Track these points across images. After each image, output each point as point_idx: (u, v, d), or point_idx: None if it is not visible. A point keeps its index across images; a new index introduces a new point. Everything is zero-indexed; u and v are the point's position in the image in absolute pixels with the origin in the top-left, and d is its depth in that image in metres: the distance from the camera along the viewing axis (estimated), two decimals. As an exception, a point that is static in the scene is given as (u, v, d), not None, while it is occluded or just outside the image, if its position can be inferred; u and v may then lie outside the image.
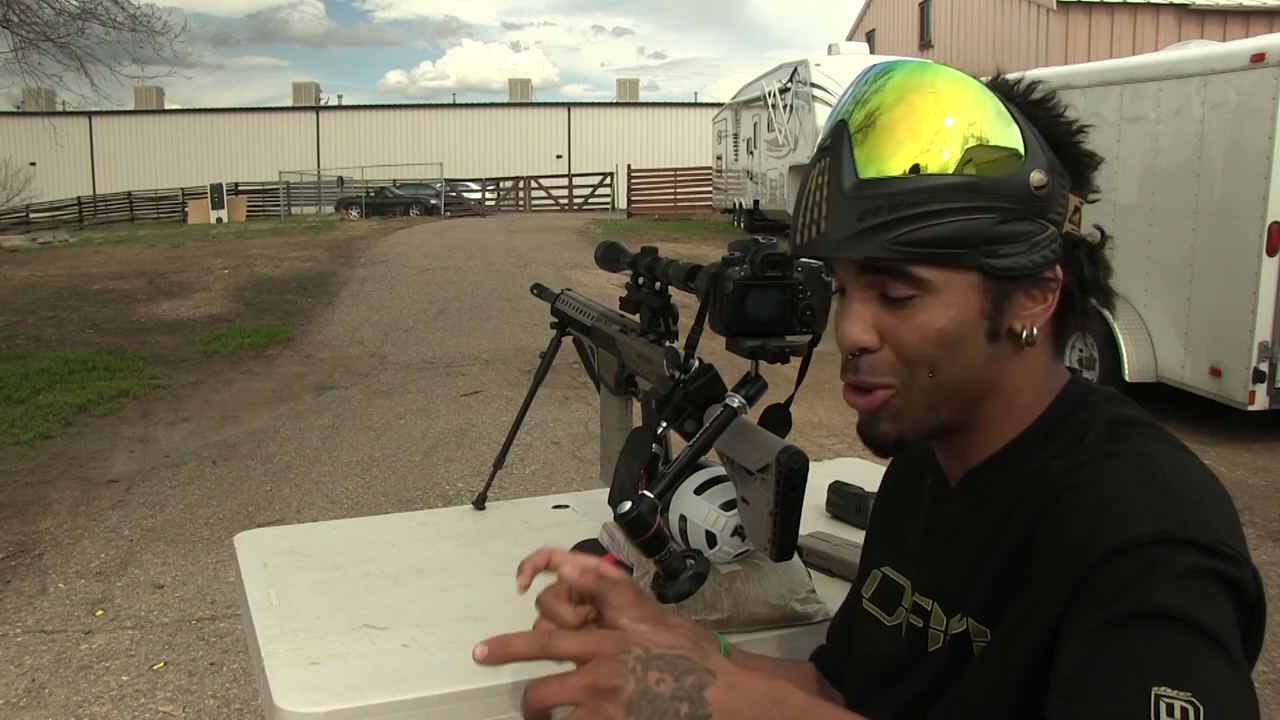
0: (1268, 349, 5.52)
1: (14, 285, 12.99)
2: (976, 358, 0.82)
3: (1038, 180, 0.79)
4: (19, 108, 34.36)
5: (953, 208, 0.78)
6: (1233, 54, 5.75)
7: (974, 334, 0.82)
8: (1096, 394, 0.86)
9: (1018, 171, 0.79)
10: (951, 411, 0.85)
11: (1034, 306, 0.82)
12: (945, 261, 0.79)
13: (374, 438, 6.10)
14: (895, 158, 0.79)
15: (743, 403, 1.06)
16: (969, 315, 0.81)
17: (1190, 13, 16.25)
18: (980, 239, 0.79)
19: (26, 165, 31.21)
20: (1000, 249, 0.79)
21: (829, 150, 0.82)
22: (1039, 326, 0.83)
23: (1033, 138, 0.80)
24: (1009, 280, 0.81)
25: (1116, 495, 0.74)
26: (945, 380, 0.83)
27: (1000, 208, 0.79)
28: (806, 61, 15.69)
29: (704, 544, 1.19)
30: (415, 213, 28.60)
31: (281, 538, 1.62)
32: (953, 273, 0.80)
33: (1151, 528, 0.71)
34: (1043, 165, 0.80)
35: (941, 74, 0.81)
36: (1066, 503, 0.76)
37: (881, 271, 0.81)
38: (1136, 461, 0.76)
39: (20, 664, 3.34)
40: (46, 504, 4.97)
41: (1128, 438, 0.79)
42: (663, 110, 40.84)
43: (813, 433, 6.03)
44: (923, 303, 0.81)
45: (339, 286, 12.69)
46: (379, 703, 1.10)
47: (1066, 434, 0.82)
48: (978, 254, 0.79)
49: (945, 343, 0.81)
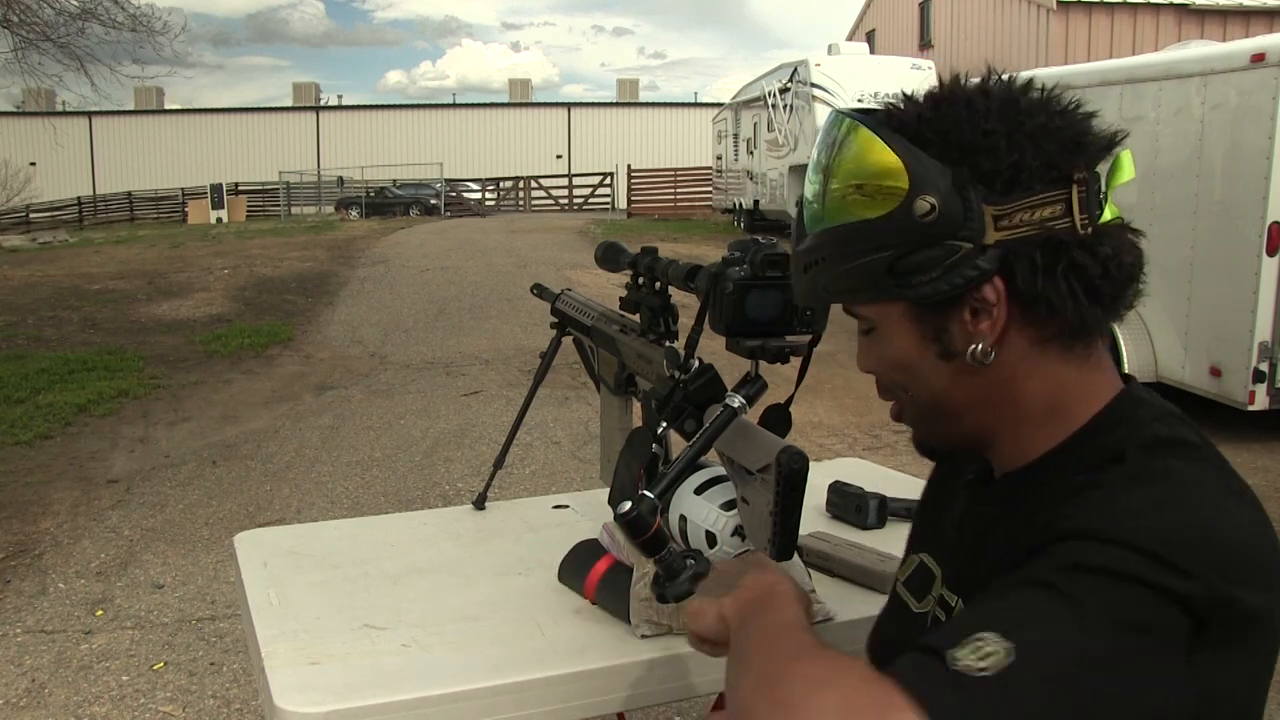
0: (1268, 349, 5.52)
1: (14, 285, 12.98)
2: (940, 377, 0.86)
3: (922, 208, 0.79)
4: (19, 108, 34.34)
5: (850, 251, 0.83)
6: (1233, 54, 5.75)
7: (924, 357, 0.85)
8: (1146, 409, 0.84)
9: (900, 206, 0.80)
10: (952, 424, 0.88)
11: (979, 323, 0.82)
12: (866, 299, 0.86)
13: (374, 438, 6.10)
14: (812, 214, 0.87)
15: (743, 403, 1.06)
16: (911, 342, 0.85)
17: (1190, 13, 16.25)
18: (884, 276, 0.82)
19: (26, 165, 31.19)
20: (910, 279, 0.81)
21: (797, 215, 0.92)
22: (989, 341, 0.82)
23: (917, 164, 0.79)
24: (938, 304, 0.82)
25: (1112, 498, 0.74)
26: (920, 399, 0.89)
27: (890, 244, 0.81)
28: (806, 61, 15.69)
29: (704, 544, 1.19)
30: (415, 213, 28.59)
31: (281, 538, 1.62)
32: (881, 306, 0.86)
33: (1118, 527, 0.71)
34: (930, 189, 0.79)
35: (841, 125, 0.86)
36: (1072, 505, 0.76)
37: (849, 312, 0.91)
38: (1157, 477, 0.76)
39: (20, 664, 3.34)
40: (46, 504, 4.97)
41: (1164, 459, 0.77)
42: (663, 110, 40.82)
43: (813, 433, 6.03)
44: (875, 335, 0.88)
45: (339, 286, 12.69)
46: (379, 703, 1.10)
47: (1102, 452, 0.80)
48: (891, 288, 0.82)
49: (899, 367, 0.88)
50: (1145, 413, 0.83)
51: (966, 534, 0.94)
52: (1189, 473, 0.77)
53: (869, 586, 1.41)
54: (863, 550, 1.48)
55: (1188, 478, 0.76)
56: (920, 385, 0.87)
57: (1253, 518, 0.76)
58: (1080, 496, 0.76)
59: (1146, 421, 0.82)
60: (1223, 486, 0.77)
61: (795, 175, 15.97)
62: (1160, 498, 0.74)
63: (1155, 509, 0.73)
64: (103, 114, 35.40)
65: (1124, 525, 0.71)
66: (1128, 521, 0.72)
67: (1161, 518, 0.72)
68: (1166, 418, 0.83)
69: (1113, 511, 0.73)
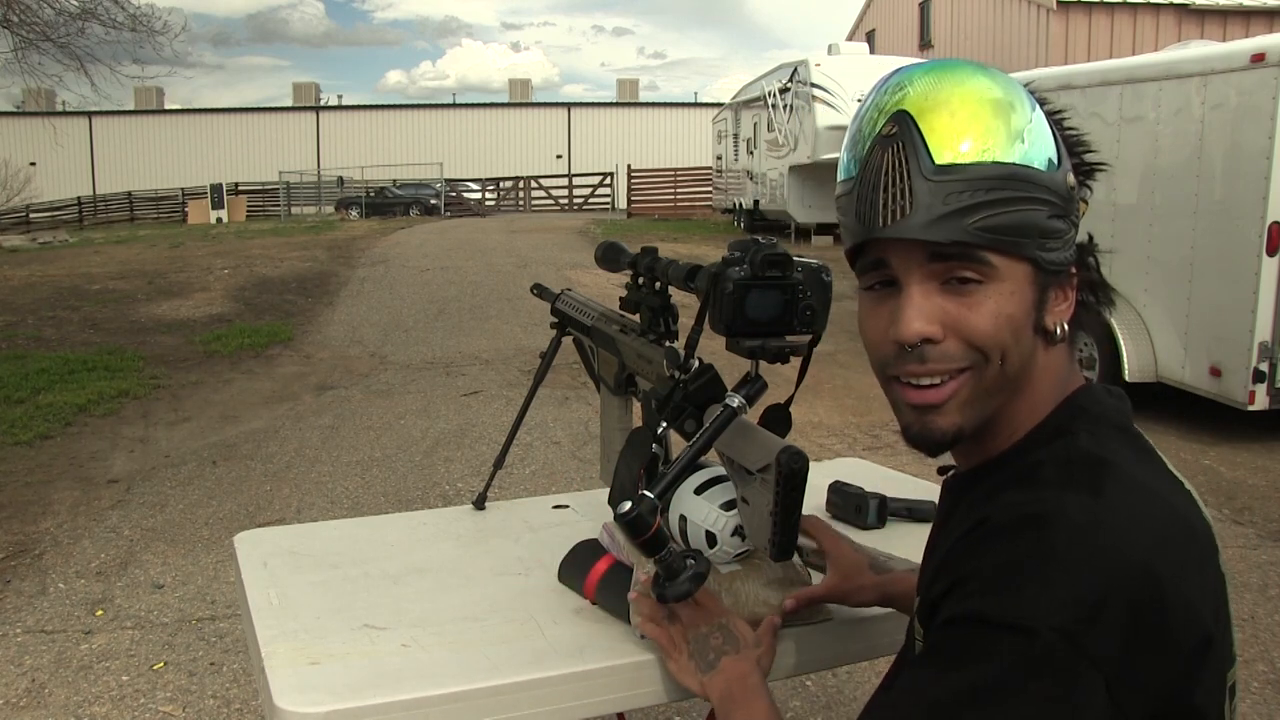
0: (1268, 349, 5.52)
1: (14, 285, 12.98)
2: (1030, 348, 0.84)
3: (1072, 181, 0.83)
4: (19, 108, 34.35)
5: (1019, 196, 0.80)
6: (1233, 54, 5.75)
7: (1028, 324, 0.83)
8: (1088, 418, 0.86)
9: (1059, 170, 0.82)
10: (1003, 401, 0.86)
11: (1061, 303, 0.85)
12: (1011, 250, 0.81)
13: (374, 438, 6.10)
14: (966, 144, 0.79)
15: (743, 403, 1.06)
16: (1027, 305, 0.83)
17: (1190, 13, 16.25)
18: (1037, 230, 0.81)
19: (26, 165, 31.19)
20: (1048, 242, 0.82)
21: (897, 136, 0.81)
22: (1066, 323, 0.86)
23: (1061, 142, 0.85)
24: (1051, 274, 0.83)
25: (985, 564, 0.76)
26: (1010, 368, 0.83)
27: (1050, 201, 0.81)
28: (806, 61, 15.70)
29: (704, 544, 1.19)
30: (415, 213, 28.60)
31: (281, 538, 1.62)
32: (1015, 261, 0.81)
33: (976, 606, 0.75)
34: (1069, 167, 0.84)
35: (992, 71, 0.84)
36: (968, 542, 0.80)
37: (951, 258, 0.81)
38: (1037, 525, 0.76)
39: (20, 664, 3.33)
40: (46, 504, 4.97)
41: (1066, 489, 0.78)
42: (663, 110, 40.82)
43: (813, 433, 6.02)
44: (989, 290, 0.81)
45: (339, 286, 12.69)
46: (379, 703, 1.10)
47: (1034, 464, 0.83)
48: (1034, 245, 0.81)
49: (1014, 329, 0.82)
50: (1082, 423, 0.85)
51: (935, 531, 0.98)
52: (1091, 516, 0.76)
53: (869, 586, 1.41)
54: (863, 550, 1.48)
55: (1082, 525, 0.75)
56: (1019, 351, 0.83)
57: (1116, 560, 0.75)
58: (980, 531, 0.80)
59: (1080, 433, 0.84)
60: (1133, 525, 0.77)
61: (795, 175, 15.96)
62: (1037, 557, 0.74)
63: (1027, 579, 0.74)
64: (103, 114, 35.41)
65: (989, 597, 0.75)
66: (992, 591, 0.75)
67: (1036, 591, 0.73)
68: (1099, 431, 0.84)
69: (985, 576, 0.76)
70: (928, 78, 0.82)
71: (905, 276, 0.83)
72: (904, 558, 1.43)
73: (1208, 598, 0.79)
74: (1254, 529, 4.54)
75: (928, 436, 0.86)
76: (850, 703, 2.97)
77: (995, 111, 0.80)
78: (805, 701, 3.02)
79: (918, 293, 0.82)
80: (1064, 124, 0.87)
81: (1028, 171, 0.80)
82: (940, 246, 0.80)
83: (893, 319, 0.83)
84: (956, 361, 0.82)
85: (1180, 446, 5.73)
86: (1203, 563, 0.80)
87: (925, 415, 0.85)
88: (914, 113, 0.81)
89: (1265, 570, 4.06)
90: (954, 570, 0.79)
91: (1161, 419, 6.09)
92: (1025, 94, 0.84)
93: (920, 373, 0.84)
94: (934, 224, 0.79)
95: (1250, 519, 4.65)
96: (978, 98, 0.80)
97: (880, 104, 0.83)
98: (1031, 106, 0.83)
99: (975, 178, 0.79)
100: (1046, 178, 0.81)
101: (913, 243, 0.81)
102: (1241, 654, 3.39)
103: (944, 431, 0.85)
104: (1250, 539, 4.41)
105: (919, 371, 0.84)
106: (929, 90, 0.81)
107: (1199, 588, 0.78)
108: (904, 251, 0.82)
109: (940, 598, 0.79)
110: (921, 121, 0.80)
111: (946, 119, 0.80)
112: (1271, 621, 3.61)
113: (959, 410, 0.84)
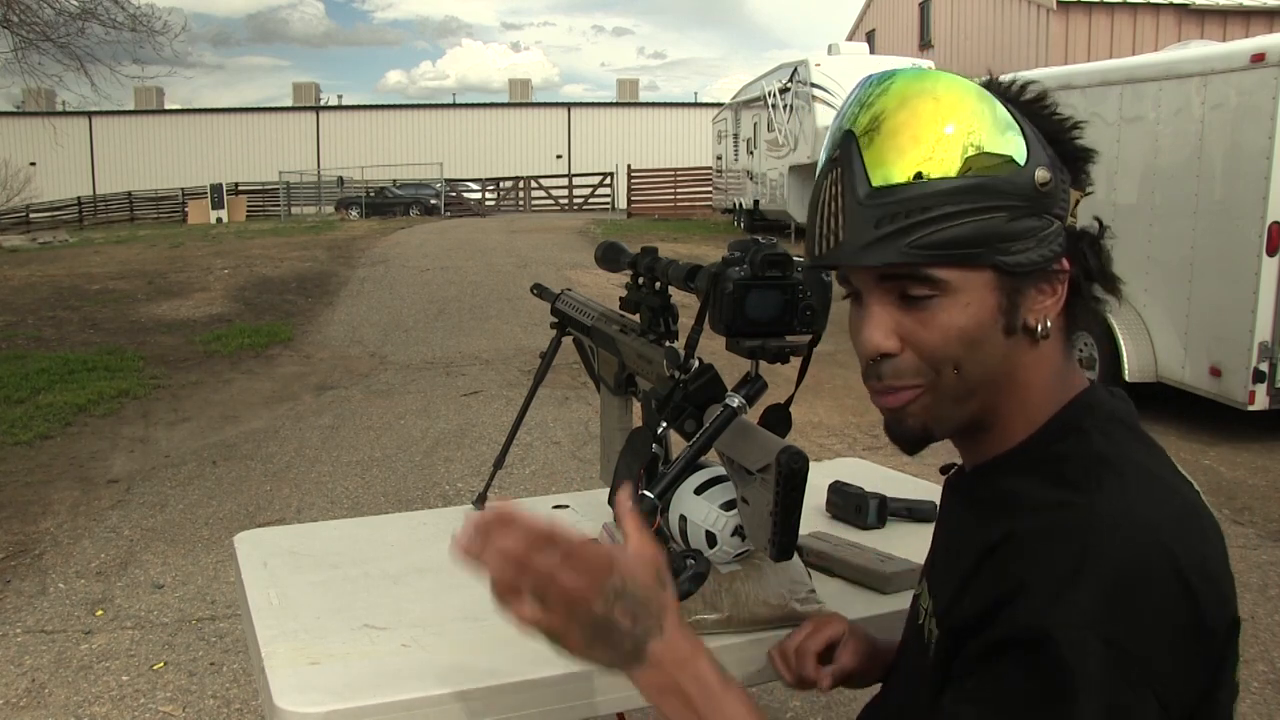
0: (1268, 349, 5.52)
1: (14, 285, 12.98)
2: (996, 352, 0.84)
3: (1041, 177, 0.82)
4: (19, 108, 34.35)
5: (964, 209, 0.80)
6: (1233, 54, 5.75)
7: (992, 330, 0.83)
8: (1097, 415, 0.87)
9: (1021, 170, 0.81)
10: (977, 405, 0.87)
11: (1045, 299, 0.85)
12: (961, 262, 0.81)
13: (374, 438, 6.10)
14: (901, 164, 0.80)
15: (743, 403, 1.06)
16: (987, 313, 0.83)
17: (1190, 13, 16.24)
18: (993, 237, 0.81)
19: (26, 165, 31.19)
20: (1012, 246, 0.81)
21: (839, 161, 0.84)
22: (1052, 318, 0.85)
23: (1033, 136, 0.83)
24: (1022, 275, 0.83)
25: (1033, 576, 0.76)
26: (970, 376, 0.85)
27: (1008, 206, 0.81)
28: (806, 61, 15.70)
29: (704, 544, 1.19)
30: (415, 213, 28.59)
31: (281, 538, 1.62)
32: (969, 272, 0.82)
33: (1029, 623, 0.74)
34: (1044, 162, 0.82)
35: (941, 80, 0.83)
36: (1005, 553, 0.79)
37: (900, 276, 0.83)
38: (1075, 533, 0.76)
39: (20, 664, 3.33)
40: (46, 504, 4.97)
41: (1093, 489, 0.79)
42: (663, 110, 40.81)
43: (813, 433, 6.02)
44: (942, 303, 0.83)
45: (339, 286, 12.69)
46: (379, 703, 1.10)
47: (1051, 462, 0.84)
48: (991, 252, 0.81)
49: (967, 341, 0.83)
50: (1093, 420, 0.86)
51: (942, 527, 0.98)
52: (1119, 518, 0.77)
53: (869, 586, 1.41)
54: (863, 550, 1.48)
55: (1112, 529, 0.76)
56: (978, 360, 0.84)
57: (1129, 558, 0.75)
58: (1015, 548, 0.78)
59: (1092, 432, 0.84)
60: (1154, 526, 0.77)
61: (795, 175, 15.97)
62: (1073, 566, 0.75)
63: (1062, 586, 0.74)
64: (103, 114, 35.40)
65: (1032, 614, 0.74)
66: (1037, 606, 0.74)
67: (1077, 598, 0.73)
68: (1111, 429, 0.85)
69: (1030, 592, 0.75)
70: (882, 96, 0.82)
71: (865, 293, 0.86)
72: (904, 558, 1.43)
73: (1231, 584, 0.80)
74: (1254, 529, 4.54)
75: (898, 435, 0.90)
76: (850, 703, 2.97)
77: (939, 126, 0.80)
78: (805, 701, 3.02)
79: (876, 308, 0.85)
80: (1045, 113, 0.86)
81: (979, 181, 0.80)
82: (884, 268, 0.83)
83: (856, 331, 0.88)
84: (910, 375, 0.86)
85: (1180, 446, 5.73)
86: (1222, 549, 0.81)
87: (896, 414, 0.89)
88: (859, 134, 0.82)
89: (1265, 570, 4.06)
90: (990, 588, 0.78)
91: (1161, 419, 6.09)
92: (982, 98, 0.82)
93: (879, 388, 0.88)
94: (867, 248, 0.82)
95: (1250, 519, 4.65)
96: (921, 114, 0.80)
97: (839, 124, 0.85)
98: (990, 109, 0.82)
99: (912, 197, 0.80)
100: (1004, 182, 0.80)
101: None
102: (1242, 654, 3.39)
103: (911, 432, 0.88)
104: (1250, 539, 4.41)
105: (878, 387, 0.88)
106: (877, 109, 0.82)
107: (1228, 579, 0.80)
108: (858, 271, 0.86)
109: (978, 621, 0.77)
110: (863, 143, 0.82)
111: (887, 140, 0.81)
112: (1271, 621, 3.61)
113: (921, 415, 0.87)
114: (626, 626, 0.80)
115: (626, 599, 0.79)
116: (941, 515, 0.99)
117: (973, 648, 0.77)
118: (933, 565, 0.97)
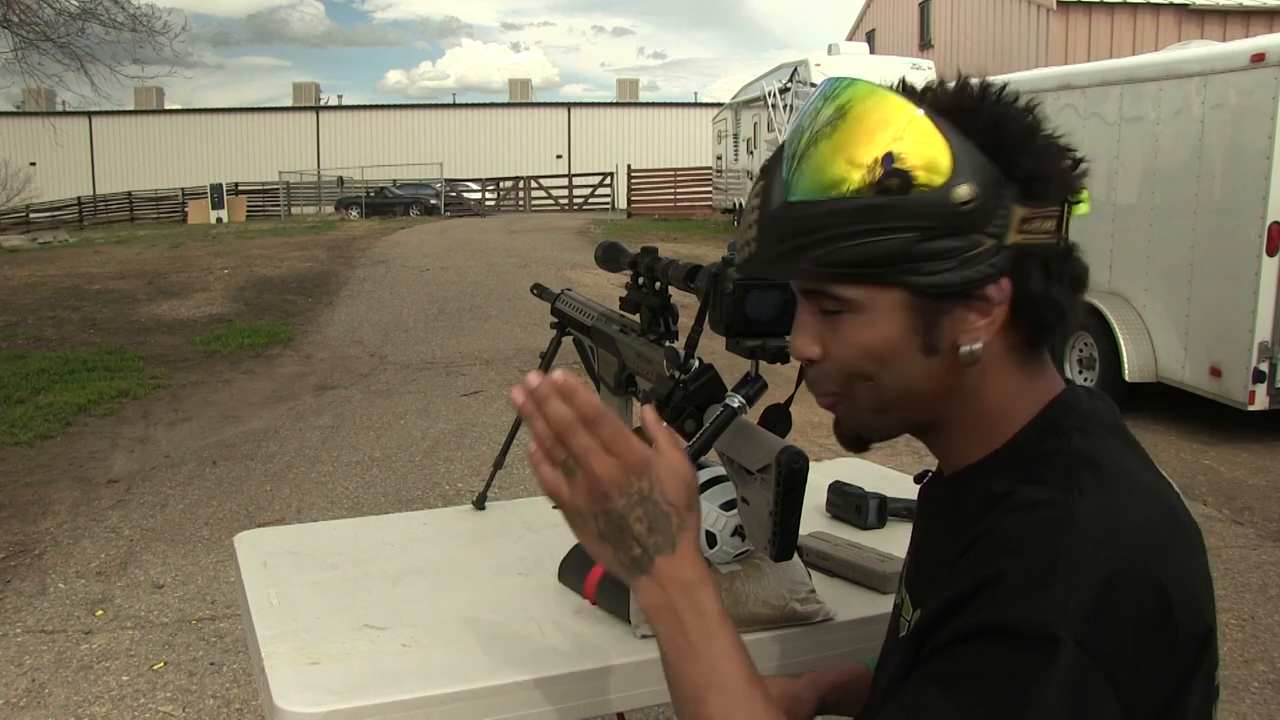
0: (1268, 349, 5.52)
1: (14, 285, 12.98)
2: (915, 370, 0.83)
3: (963, 195, 0.77)
4: (19, 108, 34.35)
5: (866, 229, 0.78)
6: (1233, 54, 5.75)
7: (907, 349, 0.82)
8: (1075, 417, 0.84)
9: (939, 189, 0.77)
10: (905, 414, 0.87)
11: (977, 321, 0.81)
12: (866, 280, 0.80)
13: (374, 438, 6.10)
14: (816, 180, 0.80)
15: (743, 403, 1.06)
16: (897, 331, 0.81)
17: (1190, 13, 16.25)
18: (899, 258, 0.79)
19: (26, 165, 31.19)
20: (924, 266, 0.79)
21: (766, 171, 0.84)
22: (984, 340, 0.81)
23: (964, 152, 0.78)
24: (941, 296, 0.80)
25: (1012, 569, 0.74)
26: (885, 391, 0.85)
27: (918, 226, 0.78)
28: (806, 61, 15.71)
29: (704, 544, 1.19)
30: (415, 213, 28.60)
31: (281, 538, 1.62)
32: (877, 290, 0.81)
33: (1004, 613, 0.73)
34: (972, 179, 0.78)
35: (869, 96, 0.80)
36: (984, 546, 0.78)
37: (815, 290, 0.84)
38: (1055, 530, 0.75)
39: (20, 664, 3.34)
40: (46, 504, 4.97)
41: (1074, 488, 0.78)
42: (663, 110, 40.82)
43: (813, 433, 6.02)
44: (849, 320, 0.83)
45: (339, 286, 12.69)
46: (379, 703, 1.10)
47: (1031, 462, 0.82)
48: (899, 272, 0.79)
49: (875, 357, 0.83)
50: (1072, 421, 0.84)
51: (916, 531, 0.98)
52: (1100, 514, 0.76)
53: (869, 586, 1.41)
54: (863, 550, 1.48)
55: (1092, 525, 0.75)
56: (892, 377, 0.83)
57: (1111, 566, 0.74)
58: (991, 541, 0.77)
59: (1072, 432, 0.83)
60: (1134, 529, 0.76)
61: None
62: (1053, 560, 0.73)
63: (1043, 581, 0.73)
64: (103, 114, 35.41)
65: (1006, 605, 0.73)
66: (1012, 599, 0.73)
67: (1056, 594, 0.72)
68: (1090, 429, 0.83)
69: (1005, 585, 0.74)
70: (814, 110, 0.82)
71: (798, 299, 0.87)
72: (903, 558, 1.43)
73: (1208, 593, 0.79)
74: (1254, 529, 4.54)
75: (838, 435, 0.92)
76: (850, 703, 2.97)
77: (856, 145, 0.78)
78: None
79: (804, 316, 0.86)
80: (1003, 126, 0.80)
81: (887, 201, 0.77)
82: (792, 281, 0.85)
83: (791, 336, 0.90)
84: (827, 384, 0.87)
85: (1180, 446, 5.73)
86: (1200, 558, 0.80)
87: (836, 417, 0.90)
88: (788, 148, 0.83)
89: (1265, 570, 4.06)
90: (966, 578, 0.77)
91: (1161, 419, 6.09)
92: (908, 115, 0.79)
93: (811, 391, 0.90)
94: (774, 261, 0.83)
95: (1250, 519, 4.65)
96: (842, 131, 0.79)
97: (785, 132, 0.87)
98: (915, 127, 0.78)
99: (819, 214, 0.79)
100: (915, 201, 0.77)
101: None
102: (1242, 654, 3.39)
103: (844, 434, 0.91)
104: (1250, 539, 4.41)
105: (810, 390, 0.90)
106: (805, 124, 0.82)
107: (1203, 582, 0.79)
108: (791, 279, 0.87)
109: (951, 608, 0.77)
110: (788, 156, 0.82)
111: (807, 155, 0.81)
112: (1271, 621, 3.61)
113: (850, 419, 0.89)
114: (640, 532, 0.81)
115: (648, 505, 0.81)
116: (918, 523, 0.98)
117: (943, 632, 0.77)
118: (912, 573, 0.95)
